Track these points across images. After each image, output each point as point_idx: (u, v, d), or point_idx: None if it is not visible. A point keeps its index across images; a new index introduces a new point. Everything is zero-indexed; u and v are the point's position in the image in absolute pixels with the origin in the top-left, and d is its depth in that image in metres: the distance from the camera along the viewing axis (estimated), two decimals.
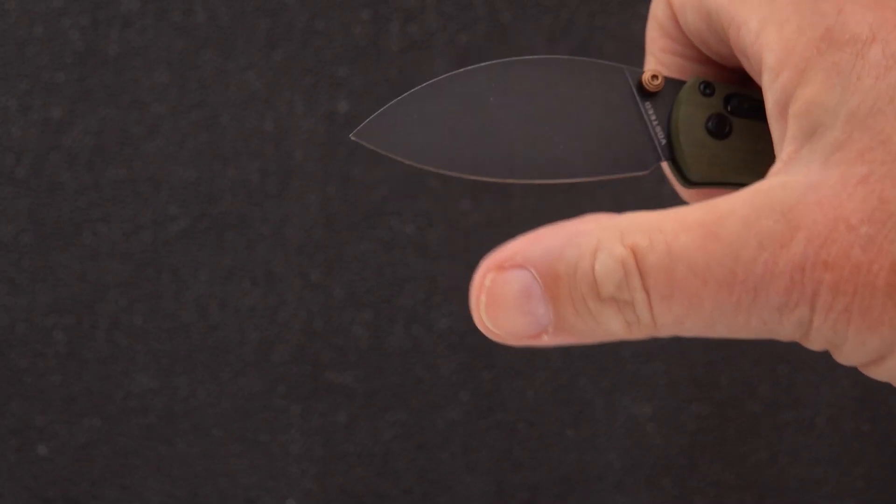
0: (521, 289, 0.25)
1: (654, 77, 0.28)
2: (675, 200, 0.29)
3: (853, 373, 0.57)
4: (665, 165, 0.29)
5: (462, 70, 0.30)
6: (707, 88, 0.28)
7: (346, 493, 0.57)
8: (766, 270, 0.23)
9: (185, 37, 0.57)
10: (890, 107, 0.23)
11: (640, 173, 0.29)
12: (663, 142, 0.28)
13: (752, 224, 0.23)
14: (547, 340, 0.25)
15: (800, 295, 0.23)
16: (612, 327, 0.24)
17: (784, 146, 0.25)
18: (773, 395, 0.57)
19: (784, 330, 0.23)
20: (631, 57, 0.57)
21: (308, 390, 0.57)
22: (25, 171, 0.57)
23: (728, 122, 0.28)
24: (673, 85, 0.29)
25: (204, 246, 0.57)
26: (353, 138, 0.28)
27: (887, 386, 0.57)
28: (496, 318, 0.25)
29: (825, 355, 0.53)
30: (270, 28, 0.56)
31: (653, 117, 0.29)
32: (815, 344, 0.24)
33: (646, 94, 0.29)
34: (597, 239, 0.24)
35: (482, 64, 0.30)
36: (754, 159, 0.28)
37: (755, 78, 0.27)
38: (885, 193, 0.22)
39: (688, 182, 0.29)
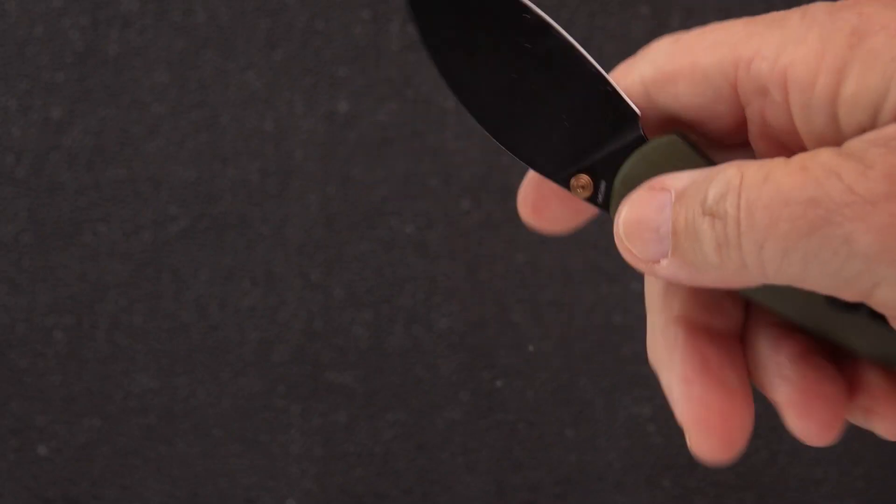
0: (659, 205, 0.26)
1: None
2: None
3: None
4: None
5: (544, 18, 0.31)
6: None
7: (346, 493, 0.57)
8: (842, 198, 0.24)
9: (185, 37, 0.57)
10: None
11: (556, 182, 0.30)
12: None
13: (834, 159, 0.24)
14: (664, 266, 0.27)
15: (868, 224, 0.24)
16: (706, 246, 0.26)
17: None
18: None
19: (849, 267, 0.24)
20: (630, 57, 0.57)
21: (308, 390, 0.57)
22: (25, 171, 0.57)
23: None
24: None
25: (204, 246, 0.57)
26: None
27: None
28: (630, 230, 0.27)
29: None
30: (270, 28, 0.56)
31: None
32: (885, 290, 0.25)
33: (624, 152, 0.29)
34: (724, 167, 0.26)
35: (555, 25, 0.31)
36: None
37: (770, 113, 0.27)
38: None
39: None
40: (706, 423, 0.31)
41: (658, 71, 0.30)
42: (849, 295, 0.25)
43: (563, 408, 0.57)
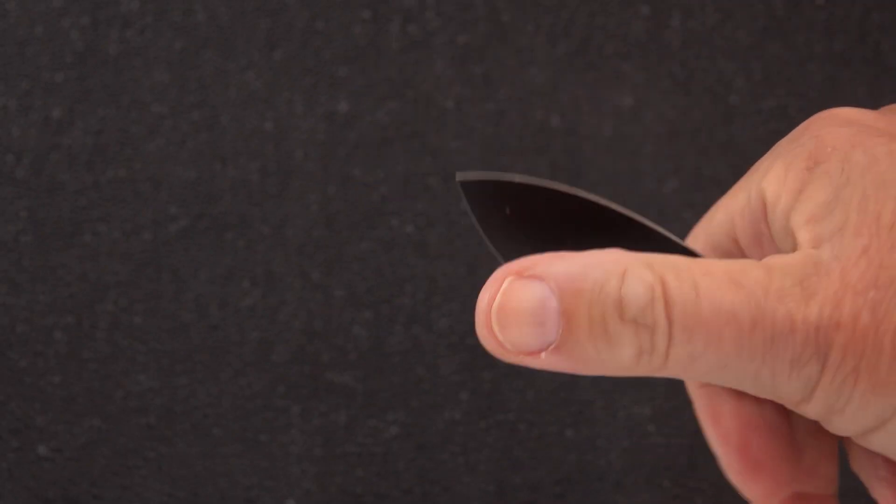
0: (538, 299, 0.25)
1: None
2: None
3: None
4: None
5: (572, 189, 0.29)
6: None
7: (346, 494, 0.57)
8: (785, 323, 0.24)
9: (185, 37, 0.57)
10: (880, 192, 0.25)
11: None
12: None
13: (772, 281, 0.25)
14: (544, 360, 0.25)
15: (813, 351, 0.24)
16: (622, 353, 0.25)
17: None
18: None
19: (789, 388, 0.25)
20: (631, 57, 0.57)
21: (308, 390, 0.57)
22: (25, 171, 0.57)
23: None
24: None
25: (204, 246, 0.57)
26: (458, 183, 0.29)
27: None
28: (505, 325, 0.25)
29: None
30: (270, 28, 0.56)
31: None
32: (814, 408, 0.25)
33: None
34: (624, 265, 0.25)
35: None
36: None
37: (767, 246, 0.29)
38: (884, 261, 0.24)
39: None
40: (759, 497, 0.31)
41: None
42: (779, 401, 0.26)
43: (563, 408, 0.57)
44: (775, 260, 0.25)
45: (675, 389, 0.57)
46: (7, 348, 0.57)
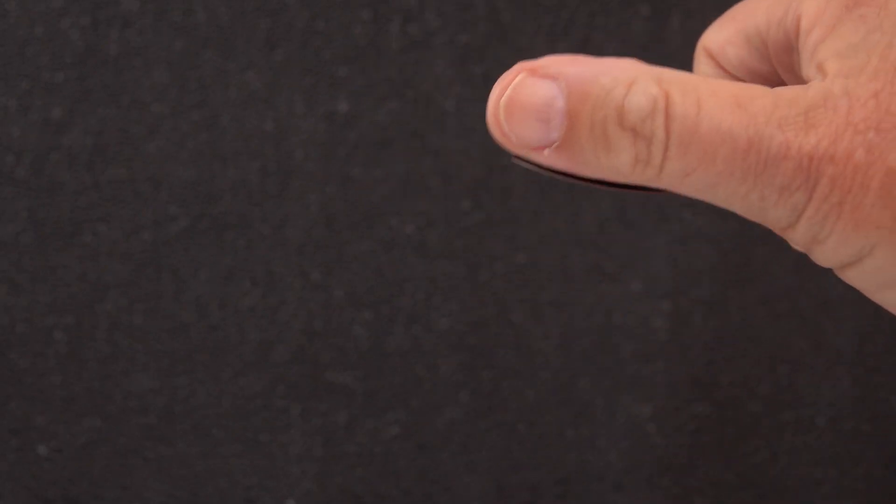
0: (546, 96, 0.26)
1: None
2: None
3: (853, 373, 0.57)
4: None
5: None
6: None
7: (346, 493, 0.57)
8: (780, 149, 0.25)
9: (185, 37, 0.57)
10: None
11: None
12: None
13: (777, 109, 0.25)
14: (547, 157, 0.26)
15: (803, 180, 0.25)
16: (619, 159, 0.26)
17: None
18: (773, 395, 0.57)
19: (776, 213, 0.25)
20: (630, 57, 0.57)
21: (308, 390, 0.57)
22: (25, 171, 0.57)
23: None
24: None
25: (204, 246, 0.57)
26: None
27: (887, 386, 0.57)
28: (511, 117, 0.26)
29: (825, 355, 0.53)
30: (270, 28, 0.56)
31: None
32: (797, 235, 0.26)
33: None
34: (634, 75, 0.26)
35: None
36: None
37: (797, 66, 0.29)
38: (892, 107, 0.25)
39: None
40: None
41: (714, 41, 0.31)
42: (765, 223, 0.26)
43: (563, 408, 0.57)
44: (786, 91, 0.26)
45: (675, 389, 0.57)
46: (7, 348, 0.57)
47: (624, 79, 0.26)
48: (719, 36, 0.31)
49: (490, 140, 0.57)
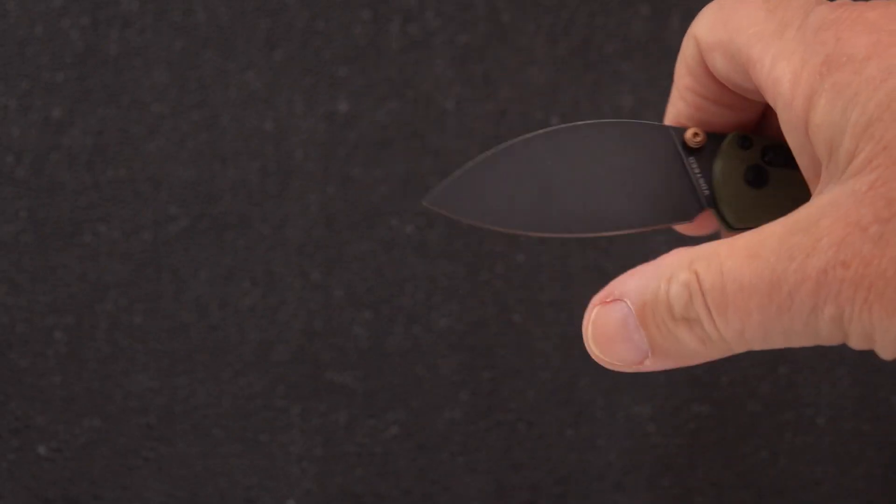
0: (620, 319, 0.28)
1: (696, 134, 0.31)
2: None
3: (853, 373, 0.57)
4: (710, 213, 0.32)
5: (520, 139, 0.33)
6: (745, 142, 0.31)
7: (346, 493, 0.57)
8: (796, 277, 0.26)
9: (185, 37, 0.57)
10: (886, 114, 0.25)
11: (686, 222, 0.32)
12: (706, 192, 0.32)
13: (785, 241, 0.26)
14: (649, 365, 0.29)
15: (826, 294, 0.26)
16: (690, 345, 0.28)
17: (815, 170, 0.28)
18: (773, 395, 0.57)
19: (824, 330, 0.26)
20: (631, 57, 0.57)
21: (308, 390, 0.57)
22: (25, 171, 0.57)
23: (765, 173, 0.31)
24: (714, 139, 0.32)
25: (204, 246, 0.57)
26: (425, 204, 0.32)
27: (887, 386, 0.57)
28: (602, 347, 0.29)
29: (825, 356, 0.53)
30: (270, 28, 0.56)
31: (696, 170, 0.32)
32: (856, 340, 0.26)
33: (689, 149, 0.32)
34: (672, 268, 0.28)
35: (539, 132, 0.33)
36: (791, 205, 0.30)
37: (776, 110, 0.29)
38: (890, 195, 0.25)
39: (731, 228, 0.32)
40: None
41: (703, 40, 0.32)
42: (834, 344, 0.27)
43: (563, 408, 0.57)
44: (791, 216, 0.27)
45: (675, 389, 0.57)
46: (7, 348, 0.57)
47: (664, 275, 0.28)
48: (709, 37, 0.31)
49: (490, 140, 0.57)
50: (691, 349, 0.28)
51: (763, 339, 0.27)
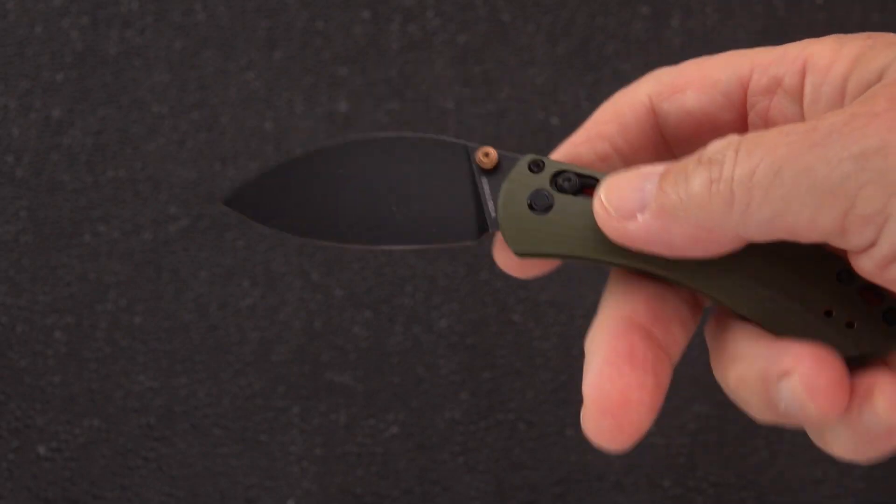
0: (645, 174, 0.28)
1: (486, 154, 0.31)
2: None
3: None
4: (499, 236, 0.32)
5: (321, 146, 0.33)
6: (535, 166, 0.31)
7: (346, 493, 0.57)
8: (840, 118, 0.26)
9: (185, 37, 0.57)
10: None
11: (468, 242, 0.32)
12: (493, 215, 0.31)
13: (831, 115, 0.27)
14: (639, 221, 0.28)
15: (873, 127, 0.26)
16: (695, 182, 0.28)
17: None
18: None
19: (846, 167, 0.26)
20: (631, 57, 0.57)
21: (308, 390, 0.57)
22: (25, 171, 0.57)
23: (549, 198, 0.30)
24: (511, 162, 0.31)
25: (204, 246, 0.57)
26: (223, 204, 0.32)
27: None
28: (611, 189, 0.29)
29: None
30: (270, 28, 0.56)
31: (487, 191, 0.31)
32: (865, 207, 0.26)
33: (483, 170, 0.31)
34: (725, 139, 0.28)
35: (339, 141, 0.33)
36: (575, 234, 0.30)
37: (776, 108, 0.30)
38: None
39: (515, 253, 0.31)
40: (606, 401, 0.32)
41: (665, 85, 0.32)
42: (828, 228, 0.27)
43: (563, 408, 0.57)
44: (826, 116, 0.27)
45: (675, 389, 0.57)
46: (7, 348, 0.57)
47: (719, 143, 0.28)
48: (677, 80, 0.31)
49: (490, 140, 0.57)
50: (693, 188, 0.27)
51: (772, 179, 0.27)
